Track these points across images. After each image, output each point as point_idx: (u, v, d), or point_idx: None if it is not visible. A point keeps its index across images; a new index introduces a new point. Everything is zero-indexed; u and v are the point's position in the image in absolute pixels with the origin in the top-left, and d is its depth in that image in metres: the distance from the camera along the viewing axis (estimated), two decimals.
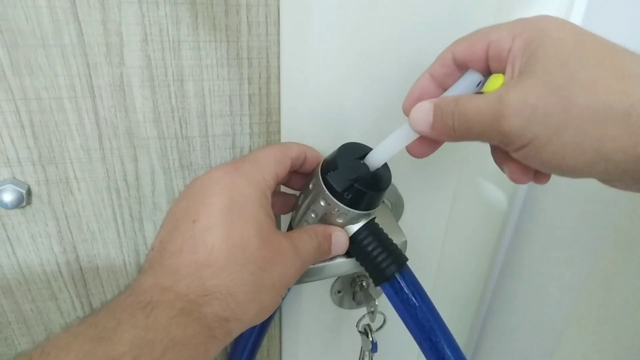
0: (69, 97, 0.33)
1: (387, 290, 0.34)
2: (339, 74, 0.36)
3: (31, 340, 0.43)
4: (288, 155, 0.33)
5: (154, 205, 0.39)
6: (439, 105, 0.27)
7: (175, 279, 0.26)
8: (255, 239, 0.28)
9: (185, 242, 0.27)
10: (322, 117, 0.38)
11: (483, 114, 0.24)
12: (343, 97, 0.37)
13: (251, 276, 0.27)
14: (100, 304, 0.43)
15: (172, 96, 0.35)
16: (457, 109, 0.26)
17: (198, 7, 0.32)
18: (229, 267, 0.27)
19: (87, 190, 0.37)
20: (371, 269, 0.34)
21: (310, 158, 0.35)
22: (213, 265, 0.27)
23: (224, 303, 0.26)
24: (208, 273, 0.26)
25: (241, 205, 0.29)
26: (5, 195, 0.34)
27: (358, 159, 0.33)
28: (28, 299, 0.41)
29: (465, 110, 0.25)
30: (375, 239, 0.34)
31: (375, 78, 0.37)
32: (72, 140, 0.35)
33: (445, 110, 0.27)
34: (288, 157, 0.33)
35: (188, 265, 0.26)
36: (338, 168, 0.32)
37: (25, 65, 0.31)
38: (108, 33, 0.31)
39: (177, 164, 0.38)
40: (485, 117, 0.24)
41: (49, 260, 0.39)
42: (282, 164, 0.32)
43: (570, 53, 0.23)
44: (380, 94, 0.38)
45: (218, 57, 0.34)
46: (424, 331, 0.33)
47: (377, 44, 0.36)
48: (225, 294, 0.27)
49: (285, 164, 0.33)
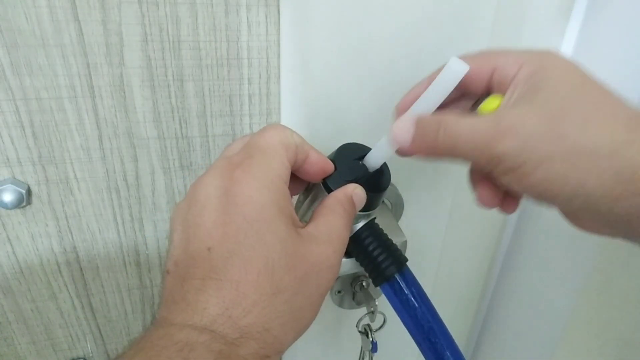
0: (69, 97, 0.33)
1: (386, 290, 0.34)
2: (339, 74, 0.36)
3: (31, 340, 0.43)
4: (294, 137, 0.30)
5: (154, 205, 0.39)
6: (421, 121, 0.28)
7: (207, 320, 0.24)
8: (281, 261, 0.25)
9: (206, 275, 0.25)
10: (322, 118, 0.38)
11: (479, 133, 0.25)
12: (343, 97, 0.37)
13: (285, 305, 0.25)
14: (100, 304, 0.43)
15: (172, 96, 0.35)
16: (447, 126, 0.26)
17: (198, 7, 0.32)
18: (259, 302, 0.24)
19: (87, 190, 0.37)
20: (371, 269, 0.34)
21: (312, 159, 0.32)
22: (242, 302, 0.24)
23: (261, 341, 0.24)
24: (238, 312, 0.24)
25: (258, 222, 0.26)
26: (5, 195, 0.34)
27: (357, 160, 0.33)
28: (28, 299, 0.41)
29: (459, 128, 0.26)
30: (375, 239, 0.34)
31: (375, 78, 0.37)
32: (72, 140, 0.35)
33: (427, 128, 0.27)
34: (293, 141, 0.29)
35: (216, 305, 0.24)
36: (336, 169, 0.32)
37: (25, 65, 0.31)
38: (108, 33, 0.31)
39: (177, 164, 0.38)
40: (480, 136, 0.25)
41: (49, 260, 0.39)
42: (289, 148, 0.29)
43: (570, 91, 0.24)
44: (380, 93, 0.38)
45: (218, 57, 0.34)
46: (423, 332, 0.33)
47: (377, 44, 0.36)
48: (261, 331, 0.24)
49: (292, 148, 0.29)
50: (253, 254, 0.25)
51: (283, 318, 0.25)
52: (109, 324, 0.45)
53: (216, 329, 0.24)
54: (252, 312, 0.24)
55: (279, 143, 0.28)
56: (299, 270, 0.26)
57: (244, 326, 0.24)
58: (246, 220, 0.25)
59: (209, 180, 0.28)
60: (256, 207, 0.26)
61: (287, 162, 0.28)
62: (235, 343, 0.24)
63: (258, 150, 0.28)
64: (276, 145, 0.28)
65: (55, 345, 0.44)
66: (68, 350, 0.45)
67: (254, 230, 0.25)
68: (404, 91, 0.32)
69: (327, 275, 0.28)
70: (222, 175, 0.27)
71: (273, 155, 0.28)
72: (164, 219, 0.40)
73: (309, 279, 0.26)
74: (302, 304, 0.26)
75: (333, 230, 0.28)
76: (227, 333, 0.24)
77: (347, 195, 0.30)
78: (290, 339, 0.26)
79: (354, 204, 0.30)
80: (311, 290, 0.27)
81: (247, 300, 0.24)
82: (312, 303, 0.27)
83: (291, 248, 0.26)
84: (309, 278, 0.26)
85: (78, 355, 0.46)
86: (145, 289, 0.44)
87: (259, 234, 0.25)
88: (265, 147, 0.28)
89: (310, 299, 0.27)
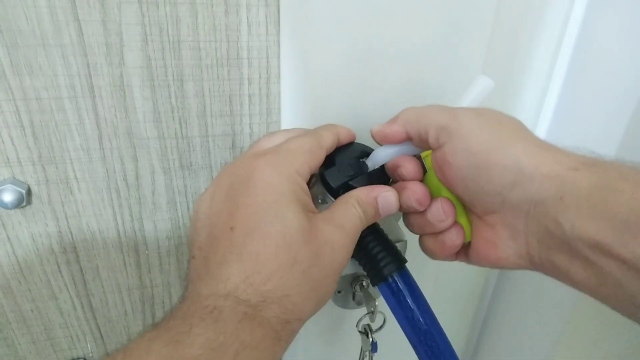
0: (69, 97, 0.33)
1: (384, 290, 0.34)
2: (338, 73, 0.36)
3: (31, 340, 0.43)
4: (323, 146, 0.32)
5: (154, 205, 0.39)
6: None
7: (231, 287, 0.26)
8: (298, 236, 0.27)
9: (227, 251, 0.27)
10: (322, 117, 0.38)
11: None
12: (343, 97, 0.37)
13: (302, 275, 0.27)
14: (100, 304, 0.43)
15: (172, 96, 0.35)
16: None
17: (198, 7, 0.32)
18: (278, 271, 0.27)
19: (87, 190, 0.37)
20: (369, 268, 0.34)
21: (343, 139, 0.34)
22: (262, 271, 0.26)
23: (282, 306, 0.27)
24: (259, 280, 0.26)
25: (276, 204, 0.28)
26: (5, 195, 0.34)
27: (358, 158, 0.33)
28: (28, 299, 0.41)
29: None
30: (374, 238, 0.34)
31: (376, 78, 0.37)
32: (72, 140, 0.35)
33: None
34: (323, 149, 0.32)
35: (237, 274, 0.26)
36: (335, 165, 0.32)
37: (25, 65, 0.31)
38: (108, 33, 0.31)
39: (177, 164, 0.38)
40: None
41: (49, 260, 0.39)
42: (316, 156, 0.31)
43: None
44: (380, 93, 0.38)
45: (218, 57, 0.34)
46: (419, 334, 0.33)
47: (377, 43, 0.36)
48: (281, 297, 0.27)
49: (320, 156, 0.32)
50: (272, 229, 0.27)
51: (301, 287, 0.27)
52: (109, 324, 0.45)
53: (239, 295, 0.26)
54: (271, 280, 0.26)
55: (308, 151, 0.31)
56: (314, 244, 0.28)
57: (265, 291, 0.26)
58: (266, 201, 0.28)
59: (232, 170, 0.30)
60: (274, 192, 0.28)
61: (307, 167, 0.30)
62: (259, 306, 0.26)
63: (285, 150, 0.30)
64: (305, 151, 0.30)
65: (55, 345, 0.44)
66: (68, 350, 0.45)
67: (272, 210, 0.28)
68: (404, 91, 0.32)
69: (341, 253, 0.29)
70: (244, 166, 0.30)
71: (298, 156, 0.30)
72: (164, 219, 0.40)
73: (323, 254, 0.28)
74: (318, 275, 0.28)
75: (345, 218, 0.30)
76: (250, 298, 0.26)
77: (369, 196, 0.31)
78: (309, 309, 0.28)
79: (376, 205, 0.32)
80: (326, 264, 0.29)
81: (267, 270, 0.26)
82: (327, 276, 0.29)
83: (307, 226, 0.28)
84: (324, 252, 0.28)
85: (78, 355, 0.46)
86: (145, 289, 0.44)
87: (277, 213, 0.28)
88: (294, 150, 0.30)
89: (326, 272, 0.29)
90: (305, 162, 0.30)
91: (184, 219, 0.41)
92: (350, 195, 0.31)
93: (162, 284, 0.44)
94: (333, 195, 0.32)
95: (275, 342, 0.26)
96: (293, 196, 0.28)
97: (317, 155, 0.31)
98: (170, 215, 0.40)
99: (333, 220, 0.30)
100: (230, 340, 0.24)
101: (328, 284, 0.29)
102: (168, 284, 0.44)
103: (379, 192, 0.31)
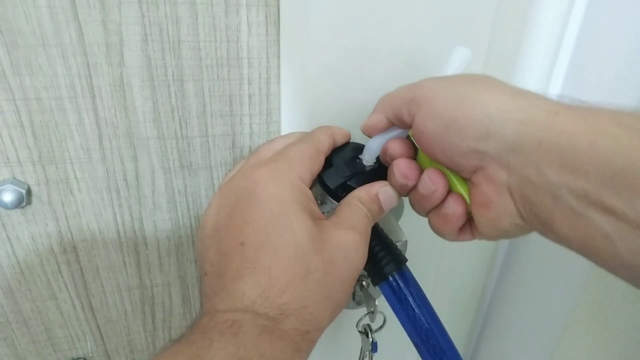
0: (69, 97, 0.33)
1: (385, 290, 0.34)
2: (338, 73, 0.36)
3: (31, 340, 0.43)
4: (322, 151, 0.32)
5: (154, 205, 0.39)
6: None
7: (247, 302, 0.26)
8: (308, 246, 0.27)
9: (241, 266, 0.27)
10: (322, 117, 0.38)
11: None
12: (343, 97, 0.37)
13: (317, 284, 0.27)
14: (100, 304, 0.43)
15: (172, 96, 0.35)
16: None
17: (198, 7, 0.32)
18: (292, 283, 0.27)
19: (87, 190, 0.37)
20: (369, 268, 0.34)
21: (339, 140, 0.35)
22: (276, 285, 0.26)
23: (300, 318, 0.27)
24: (274, 293, 0.26)
25: (283, 215, 0.28)
26: (5, 195, 0.34)
27: (354, 156, 0.33)
28: (28, 299, 0.41)
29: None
30: (374, 238, 0.34)
31: (376, 78, 0.37)
32: (72, 140, 0.35)
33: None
34: (322, 153, 0.32)
35: (252, 289, 0.26)
36: (333, 166, 0.32)
37: (25, 65, 0.31)
38: (108, 33, 0.31)
39: (177, 164, 0.38)
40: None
41: (49, 260, 0.39)
42: (316, 161, 0.32)
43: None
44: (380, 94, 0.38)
45: (218, 57, 0.34)
46: (421, 333, 0.33)
47: (377, 43, 0.36)
48: (299, 308, 0.27)
49: (319, 160, 0.32)
50: (282, 242, 0.27)
51: (317, 296, 0.27)
52: (109, 324, 0.45)
53: (257, 310, 0.26)
54: (286, 292, 0.26)
55: (308, 157, 0.31)
56: (326, 252, 0.28)
57: (282, 304, 0.26)
58: (273, 214, 0.28)
59: (235, 183, 0.30)
60: (280, 203, 0.28)
61: (309, 172, 0.31)
62: (277, 319, 0.26)
63: (285, 159, 0.31)
64: (305, 158, 0.31)
65: (55, 345, 0.44)
66: (68, 350, 0.45)
67: (280, 222, 0.28)
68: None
69: (355, 257, 0.29)
70: (246, 178, 0.30)
71: (299, 163, 0.30)
72: (164, 219, 0.40)
73: (336, 260, 0.28)
74: (333, 283, 0.28)
75: (354, 219, 0.30)
76: (268, 311, 0.26)
77: (369, 193, 0.32)
78: (327, 317, 0.28)
79: (378, 201, 0.32)
80: (340, 271, 0.28)
81: (281, 282, 0.26)
82: (343, 283, 0.29)
83: (317, 234, 0.28)
84: (337, 259, 0.28)
85: (78, 355, 0.46)
86: (145, 289, 0.44)
87: (286, 225, 0.28)
88: (294, 157, 0.31)
89: (341, 279, 0.29)
90: (307, 169, 0.30)
91: (184, 219, 0.41)
92: (352, 197, 0.31)
93: (162, 284, 0.44)
94: (332, 196, 0.32)
95: (295, 353, 0.26)
96: (299, 205, 0.29)
97: (317, 160, 0.32)
98: (170, 215, 0.40)
99: (342, 223, 0.30)
100: (250, 354, 0.24)
101: (344, 290, 0.29)
102: (168, 284, 0.44)
103: (378, 187, 0.32)
